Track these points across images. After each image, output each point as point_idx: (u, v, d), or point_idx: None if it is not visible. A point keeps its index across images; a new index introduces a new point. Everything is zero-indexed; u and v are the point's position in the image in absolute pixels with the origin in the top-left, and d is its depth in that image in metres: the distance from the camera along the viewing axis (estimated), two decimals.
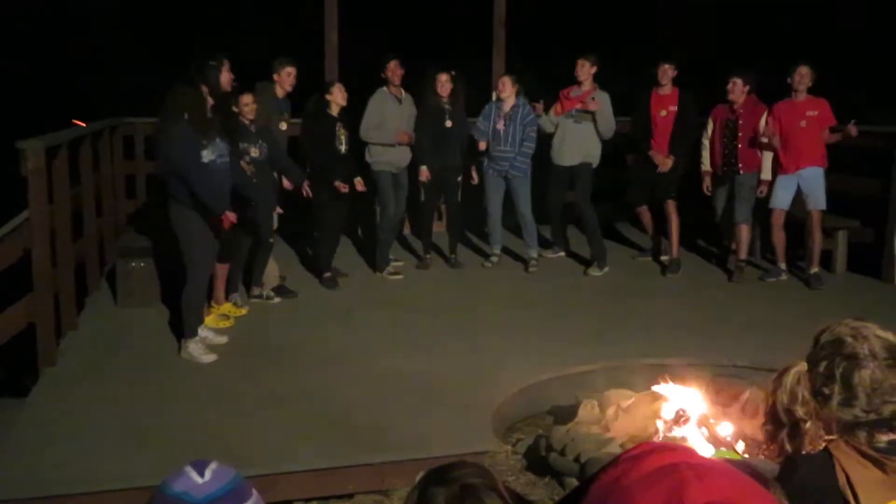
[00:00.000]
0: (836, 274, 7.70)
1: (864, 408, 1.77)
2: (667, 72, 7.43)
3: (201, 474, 1.43)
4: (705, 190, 7.58)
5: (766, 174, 7.21)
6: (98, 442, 4.25)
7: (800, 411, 1.81)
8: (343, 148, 6.96)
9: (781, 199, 7.19)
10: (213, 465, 1.45)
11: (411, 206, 8.09)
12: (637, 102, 7.67)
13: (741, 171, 7.28)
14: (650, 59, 7.70)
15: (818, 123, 7.03)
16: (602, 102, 7.44)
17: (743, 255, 7.47)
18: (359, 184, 7.07)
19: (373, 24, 12.94)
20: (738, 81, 7.20)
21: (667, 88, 7.48)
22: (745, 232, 7.41)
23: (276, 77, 6.74)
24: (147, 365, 5.34)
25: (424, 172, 7.48)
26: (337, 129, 6.92)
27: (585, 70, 7.47)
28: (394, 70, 7.34)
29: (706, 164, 7.52)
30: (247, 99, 6.16)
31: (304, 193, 6.68)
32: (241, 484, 1.46)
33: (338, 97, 6.91)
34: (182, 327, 5.48)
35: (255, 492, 1.48)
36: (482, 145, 7.55)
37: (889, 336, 1.82)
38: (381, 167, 7.38)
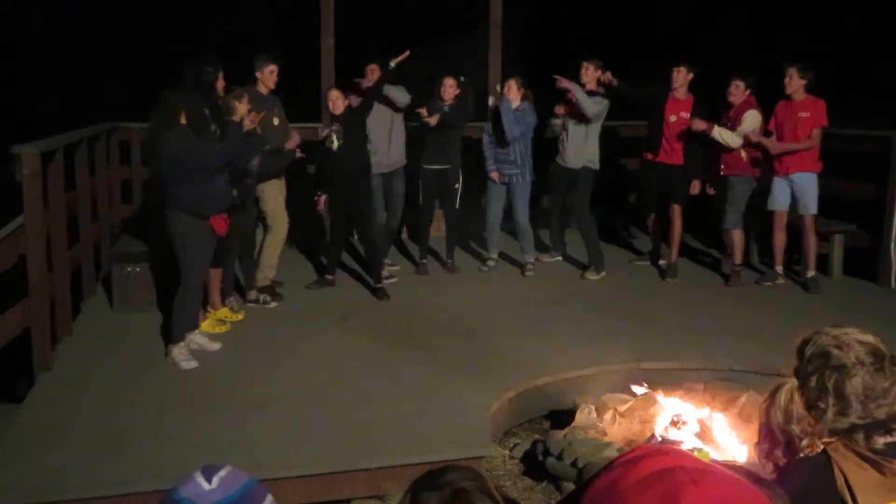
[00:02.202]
0: (832, 277, 7.70)
1: (859, 415, 1.78)
2: (677, 75, 7.36)
3: (209, 480, 1.41)
4: (701, 191, 7.58)
5: (719, 130, 7.11)
6: (94, 447, 4.24)
7: (796, 429, 1.81)
8: (335, 145, 6.88)
9: (779, 202, 7.20)
10: (222, 472, 1.43)
11: (409, 210, 8.08)
12: (652, 104, 7.56)
13: (722, 173, 7.31)
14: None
15: (809, 125, 7.02)
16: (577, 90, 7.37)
17: (738, 259, 7.46)
18: (319, 202, 7.00)
19: (370, 25, 12.95)
20: (741, 84, 7.22)
21: (682, 92, 7.40)
22: (737, 237, 7.41)
23: (258, 75, 6.70)
24: (143, 370, 5.32)
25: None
26: (330, 125, 6.91)
27: (590, 73, 7.45)
28: (371, 74, 7.33)
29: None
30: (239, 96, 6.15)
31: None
32: (251, 491, 1.44)
33: (329, 106, 6.91)
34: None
35: (269, 496, 1.46)
36: (493, 176, 7.55)
37: (869, 339, 1.83)
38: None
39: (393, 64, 7.04)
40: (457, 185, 7.63)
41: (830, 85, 7.10)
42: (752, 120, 7.11)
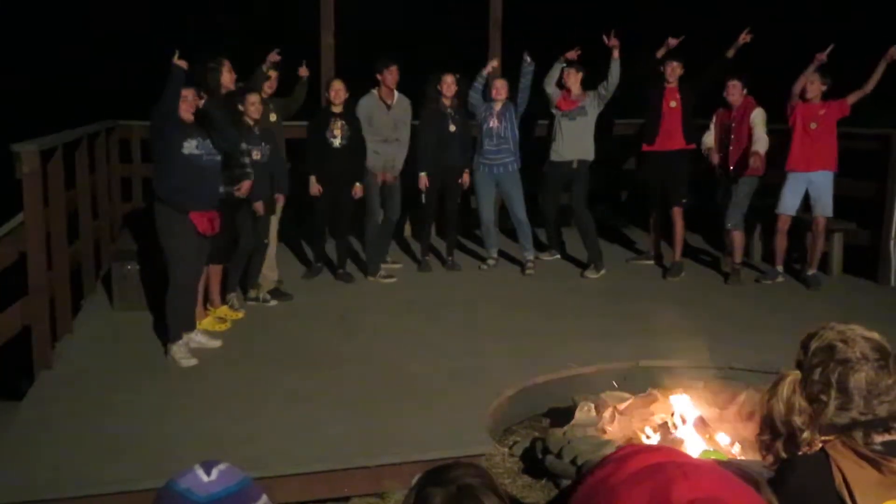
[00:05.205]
0: (832, 276, 7.71)
1: (861, 410, 1.79)
2: (676, 70, 7.45)
3: (208, 473, 1.43)
4: (713, 161, 7.45)
5: (757, 146, 7.04)
6: (94, 445, 4.24)
7: (797, 421, 1.82)
8: (337, 142, 6.97)
9: (789, 205, 7.20)
10: (221, 466, 1.45)
11: (412, 209, 8.08)
12: (649, 95, 7.66)
13: (732, 174, 7.29)
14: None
15: (830, 120, 7.03)
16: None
17: (738, 258, 7.47)
18: (357, 190, 7.10)
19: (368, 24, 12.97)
20: (738, 84, 7.23)
21: (673, 83, 7.52)
22: (738, 238, 7.42)
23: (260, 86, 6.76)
24: (143, 368, 5.33)
25: (423, 180, 7.49)
26: (332, 122, 6.96)
27: (572, 77, 7.55)
28: (393, 74, 7.31)
29: (710, 143, 7.46)
30: (252, 98, 6.20)
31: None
32: (247, 487, 1.45)
33: (331, 95, 6.98)
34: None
35: (264, 496, 1.47)
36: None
37: (875, 336, 1.84)
38: (370, 168, 7.33)
39: None
40: (459, 182, 7.64)
41: (831, 83, 7.10)
42: (762, 118, 7.14)
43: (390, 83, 7.34)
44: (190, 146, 5.25)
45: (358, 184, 7.12)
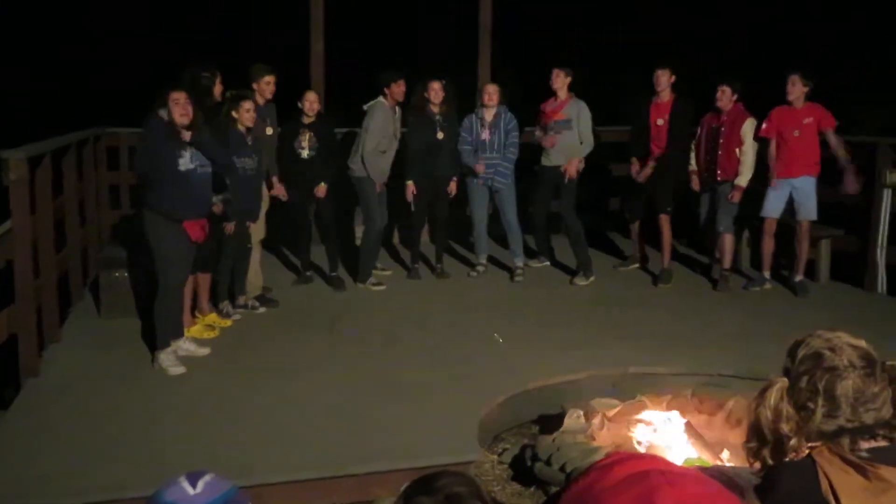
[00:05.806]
0: (819, 283, 7.74)
1: (847, 417, 1.80)
2: (661, 77, 7.38)
3: (193, 485, 1.42)
4: (694, 187, 7.56)
5: (741, 180, 7.19)
6: (81, 454, 4.21)
7: (785, 428, 1.83)
8: (305, 153, 6.98)
9: (773, 208, 7.22)
10: (207, 477, 1.45)
11: (401, 216, 8.07)
12: (635, 110, 7.64)
13: (719, 179, 7.30)
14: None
15: (813, 129, 7.03)
16: (563, 134, 7.47)
17: (727, 264, 7.48)
18: (319, 190, 7.05)
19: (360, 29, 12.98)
20: (727, 89, 7.21)
21: (665, 95, 7.41)
22: (728, 241, 7.42)
23: (255, 86, 6.72)
24: (130, 376, 5.30)
25: (410, 188, 7.48)
26: (301, 132, 6.98)
27: (560, 80, 7.48)
28: (400, 87, 7.29)
29: (693, 165, 7.51)
30: (247, 105, 6.17)
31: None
32: (233, 498, 1.45)
33: (305, 106, 6.98)
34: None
35: None
36: (479, 168, 7.51)
37: (861, 344, 1.86)
38: (370, 175, 7.30)
39: None
40: (448, 190, 7.64)
41: (824, 89, 7.13)
42: (751, 131, 7.15)
43: (398, 96, 7.32)
44: (185, 161, 5.22)
45: (323, 183, 7.03)
